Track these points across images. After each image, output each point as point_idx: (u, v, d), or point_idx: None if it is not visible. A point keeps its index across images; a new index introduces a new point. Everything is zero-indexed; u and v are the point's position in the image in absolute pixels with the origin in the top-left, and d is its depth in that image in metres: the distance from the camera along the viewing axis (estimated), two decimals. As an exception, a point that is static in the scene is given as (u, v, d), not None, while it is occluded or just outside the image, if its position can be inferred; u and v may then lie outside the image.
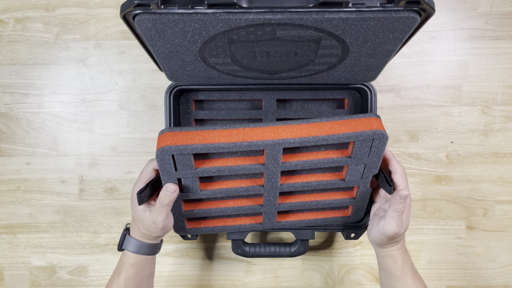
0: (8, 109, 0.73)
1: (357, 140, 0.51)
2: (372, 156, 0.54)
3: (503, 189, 0.73)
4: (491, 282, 0.73)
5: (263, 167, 0.54)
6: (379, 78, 0.72)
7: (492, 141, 0.72)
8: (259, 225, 0.63)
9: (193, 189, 0.56)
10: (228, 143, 0.50)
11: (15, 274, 0.74)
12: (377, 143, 0.52)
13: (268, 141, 0.51)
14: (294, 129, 0.52)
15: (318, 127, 0.52)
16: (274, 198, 0.59)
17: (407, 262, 0.56)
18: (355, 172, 0.56)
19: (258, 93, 0.67)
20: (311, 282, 0.74)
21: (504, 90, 0.72)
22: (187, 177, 0.54)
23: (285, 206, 0.61)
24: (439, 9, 0.71)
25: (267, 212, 0.61)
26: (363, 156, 0.54)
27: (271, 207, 0.60)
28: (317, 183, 0.58)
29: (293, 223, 0.63)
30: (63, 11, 0.72)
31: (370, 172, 0.56)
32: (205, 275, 0.74)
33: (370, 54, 0.51)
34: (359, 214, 0.63)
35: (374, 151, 0.53)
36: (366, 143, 0.52)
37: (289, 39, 0.47)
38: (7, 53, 0.72)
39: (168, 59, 0.53)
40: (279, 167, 0.54)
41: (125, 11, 0.42)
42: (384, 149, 0.53)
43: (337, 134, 0.51)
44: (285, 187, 0.58)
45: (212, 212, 0.60)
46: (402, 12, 0.42)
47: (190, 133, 0.52)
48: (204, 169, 0.54)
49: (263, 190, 0.57)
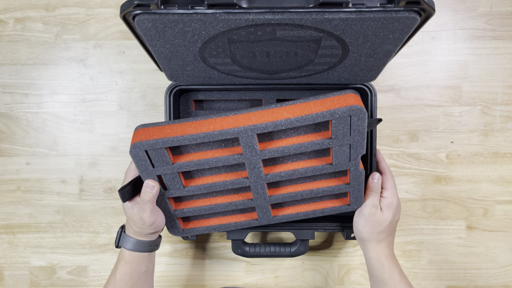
0: (8, 109, 0.73)
1: (333, 118, 0.49)
2: (354, 135, 0.51)
3: (503, 189, 0.73)
4: (491, 282, 0.73)
5: (242, 156, 0.52)
6: (379, 78, 0.72)
7: (492, 141, 0.72)
8: (255, 221, 0.61)
9: (176, 185, 0.55)
10: (199, 133, 0.49)
11: (15, 274, 0.74)
12: (355, 120, 0.49)
13: (239, 128, 0.49)
14: (266, 114, 0.50)
15: (291, 109, 0.50)
16: (263, 190, 0.57)
17: (394, 267, 0.57)
18: (342, 154, 0.53)
19: (258, 93, 0.67)
20: (311, 282, 0.74)
21: (504, 90, 0.72)
22: (166, 173, 0.53)
23: (277, 198, 0.58)
24: (439, 9, 0.71)
25: (259, 206, 0.59)
26: (345, 135, 0.51)
27: (262, 200, 0.58)
28: (304, 170, 0.55)
29: (290, 216, 0.61)
30: (63, 11, 0.72)
31: (358, 153, 0.53)
32: (205, 275, 0.74)
33: (370, 54, 0.51)
34: (359, 201, 0.59)
35: (355, 129, 0.50)
36: (344, 121, 0.49)
37: (289, 39, 0.47)
38: (7, 53, 0.72)
39: (168, 59, 0.53)
40: (258, 155, 0.52)
41: (125, 11, 0.42)
42: (365, 125, 0.50)
43: (311, 114, 0.48)
44: (271, 177, 0.55)
45: (203, 210, 0.59)
46: (402, 12, 0.42)
47: (162, 127, 0.51)
48: (182, 164, 0.53)
49: (248, 182, 0.55)
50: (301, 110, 0.49)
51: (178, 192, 0.56)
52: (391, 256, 0.58)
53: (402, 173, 0.73)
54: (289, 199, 0.59)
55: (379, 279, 0.57)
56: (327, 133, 0.52)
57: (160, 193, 0.56)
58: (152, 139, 0.50)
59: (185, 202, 0.60)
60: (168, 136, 0.50)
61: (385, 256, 0.57)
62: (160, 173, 0.53)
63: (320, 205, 0.61)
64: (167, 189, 0.56)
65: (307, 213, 0.61)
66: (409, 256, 0.73)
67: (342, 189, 0.58)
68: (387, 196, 0.59)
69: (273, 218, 0.61)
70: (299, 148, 0.52)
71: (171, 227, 0.61)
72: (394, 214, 0.58)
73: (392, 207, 0.58)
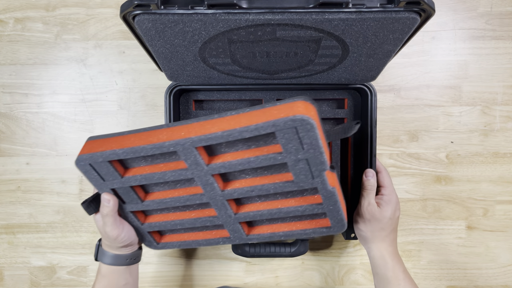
0: (8, 109, 0.73)
1: (276, 130, 0.42)
2: (308, 149, 0.44)
3: (503, 189, 0.73)
4: (491, 282, 0.73)
5: (187, 171, 0.48)
6: (379, 78, 0.72)
7: (492, 141, 0.72)
8: (227, 239, 0.57)
9: (132, 200, 0.53)
10: (137, 146, 0.46)
11: (15, 274, 0.74)
12: (303, 132, 0.42)
13: (173, 142, 0.45)
14: (205, 125, 0.45)
15: (234, 120, 0.44)
16: (225, 207, 0.52)
17: (397, 265, 0.57)
18: (301, 171, 0.46)
19: (258, 93, 0.67)
20: (311, 282, 0.74)
21: (504, 90, 0.72)
22: (117, 187, 0.51)
23: (244, 216, 0.53)
24: (439, 9, 0.71)
25: (227, 223, 0.54)
26: (297, 150, 0.44)
27: (227, 218, 0.53)
28: (265, 187, 0.49)
29: (267, 235, 0.55)
30: (63, 11, 0.72)
31: (320, 169, 0.46)
32: (205, 275, 0.74)
33: (370, 54, 0.51)
34: (340, 224, 0.53)
35: (306, 143, 0.43)
36: (291, 134, 0.42)
37: (289, 40, 0.47)
38: (7, 53, 0.72)
39: (168, 59, 0.53)
40: (205, 170, 0.47)
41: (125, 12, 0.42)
42: (318, 138, 0.43)
43: (251, 125, 0.43)
44: (229, 194, 0.50)
45: (172, 225, 0.56)
46: (402, 13, 0.42)
47: (108, 139, 0.49)
48: (130, 178, 0.50)
49: (204, 198, 0.51)
50: (244, 121, 0.44)
51: (137, 206, 0.53)
52: (395, 254, 0.58)
53: (402, 173, 0.73)
54: (258, 217, 0.53)
55: (383, 277, 0.57)
56: (277, 147, 0.46)
57: (122, 206, 0.54)
58: (94, 152, 0.47)
59: (153, 215, 0.57)
60: (110, 149, 0.47)
61: (388, 254, 0.57)
62: (111, 186, 0.51)
63: (300, 225, 0.55)
64: (126, 203, 0.54)
65: (287, 233, 0.55)
66: (409, 256, 0.73)
67: (316, 209, 0.51)
68: (385, 193, 0.60)
69: (248, 237, 0.56)
70: (248, 163, 0.46)
71: (145, 241, 0.58)
72: (394, 210, 0.58)
73: (391, 203, 0.59)
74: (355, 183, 0.67)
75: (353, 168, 0.67)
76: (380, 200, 0.59)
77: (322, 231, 0.54)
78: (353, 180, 0.68)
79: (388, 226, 0.58)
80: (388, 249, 0.58)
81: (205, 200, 0.52)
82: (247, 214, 0.53)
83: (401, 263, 0.58)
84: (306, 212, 0.52)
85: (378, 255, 0.58)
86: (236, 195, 0.51)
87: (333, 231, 0.54)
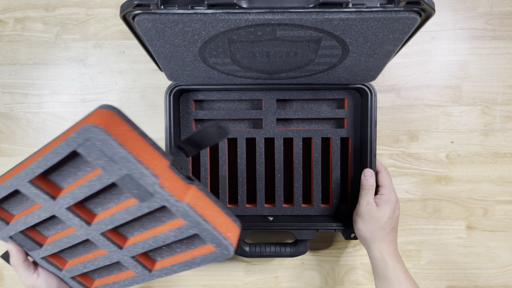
0: (8, 109, 0.73)
1: (77, 148, 0.38)
2: (121, 162, 0.38)
3: (503, 189, 0.73)
4: (491, 282, 0.73)
5: (46, 207, 0.46)
6: (379, 78, 0.72)
7: (492, 141, 0.72)
8: (136, 278, 0.52)
9: (32, 246, 0.51)
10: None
11: (15, 274, 0.74)
12: (99, 143, 0.37)
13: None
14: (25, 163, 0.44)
15: (44, 151, 0.42)
16: (107, 243, 0.48)
17: (398, 265, 0.57)
18: (136, 189, 0.41)
19: (258, 93, 0.67)
20: (311, 282, 0.74)
21: (504, 90, 0.72)
22: (11, 234, 0.50)
23: (130, 250, 0.49)
24: (439, 9, 0.71)
25: (124, 261, 0.50)
26: (110, 165, 0.39)
27: (117, 253, 0.49)
28: (115, 216, 0.46)
29: (172, 267, 0.50)
30: (63, 11, 0.72)
31: (150, 183, 0.40)
32: (205, 275, 0.74)
33: (370, 54, 0.51)
34: (222, 246, 0.44)
35: (111, 155, 0.38)
36: (91, 147, 0.38)
37: (289, 39, 0.47)
38: (7, 53, 0.72)
39: (168, 59, 0.53)
40: (55, 204, 0.46)
41: (125, 12, 0.42)
42: (117, 146, 0.38)
43: (48, 152, 0.41)
44: (97, 227, 0.47)
45: (88, 267, 0.53)
46: (402, 13, 0.42)
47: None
48: (16, 222, 0.49)
49: (82, 236, 0.48)
50: (48, 149, 0.41)
51: (39, 253, 0.52)
52: (395, 254, 0.58)
53: (402, 173, 0.73)
54: (142, 250, 0.48)
55: (384, 278, 0.57)
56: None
57: (32, 254, 0.53)
58: None
59: (75, 259, 0.54)
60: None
61: (388, 254, 0.57)
62: (6, 235, 0.51)
63: (194, 253, 0.48)
64: (30, 250, 0.52)
65: (187, 262, 0.48)
66: (409, 256, 0.73)
67: (182, 233, 0.45)
68: (384, 192, 0.60)
69: (153, 273, 0.51)
70: (82, 193, 0.44)
71: (73, 286, 0.56)
72: (393, 210, 0.58)
73: (390, 202, 0.59)
74: (355, 183, 0.67)
75: (353, 168, 0.68)
76: (379, 199, 0.59)
77: (207, 257, 0.46)
78: (353, 180, 0.68)
79: (387, 225, 0.58)
80: (388, 249, 0.58)
81: (85, 237, 0.48)
82: (131, 247, 0.49)
83: (402, 263, 0.58)
84: (181, 236, 0.45)
85: (378, 256, 0.58)
86: (104, 227, 0.47)
87: (219, 256, 0.45)
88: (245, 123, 0.69)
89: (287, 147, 0.69)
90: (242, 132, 0.67)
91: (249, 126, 0.69)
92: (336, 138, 0.67)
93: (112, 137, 0.37)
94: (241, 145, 0.67)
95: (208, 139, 0.46)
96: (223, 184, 0.68)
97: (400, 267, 0.57)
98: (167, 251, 0.50)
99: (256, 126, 0.69)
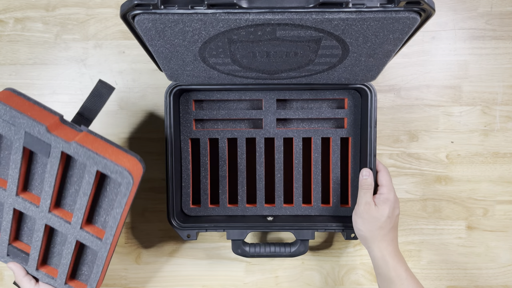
0: (8, 109, 0.73)
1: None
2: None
3: (503, 189, 0.73)
4: (491, 282, 0.73)
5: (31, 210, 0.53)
6: (379, 78, 0.72)
7: (492, 141, 0.72)
8: (98, 252, 0.57)
9: (22, 259, 0.58)
10: None
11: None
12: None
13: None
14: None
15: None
16: (53, 221, 0.54)
17: (399, 264, 0.57)
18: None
19: (258, 93, 0.67)
20: (311, 282, 0.74)
21: (504, 90, 0.72)
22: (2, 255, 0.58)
23: (76, 221, 0.53)
24: (439, 9, 0.71)
25: (78, 236, 0.55)
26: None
27: (68, 230, 0.54)
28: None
29: (111, 219, 0.52)
30: (63, 11, 0.72)
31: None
32: (205, 275, 0.74)
33: (370, 54, 0.51)
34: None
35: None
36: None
37: (289, 39, 0.47)
38: (7, 53, 0.72)
39: (168, 59, 0.53)
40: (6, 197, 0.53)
41: (125, 11, 0.42)
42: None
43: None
44: (42, 209, 0.53)
45: (65, 267, 0.57)
46: (402, 13, 0.42)
47: None
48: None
49: (36, 221, 0.54)
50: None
51: (32, 264, 0.58)
52: (395, 252, 0.58)
53: (402, 173, 0.73)
54: (82, 215, 0.52)
55: (386, 277, 0.57)
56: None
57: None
58: None
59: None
60: None
61: (389, 253, 0.57)
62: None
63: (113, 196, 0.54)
64: (25, 264, 0.59)
65: (113, 205, 0.53)
66: (409, 256, 0.73)
67: (90, 173, 0.49)
68: (383, 192, 0.60)
69: (104, 241, 0.55)
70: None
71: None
72: (392, 209, 0.58)
73: (389, 202, 0.59)
74: (355, 183, 0.67)
75: (353, 168, 0.68)
76: (378, 199, 0.59)
77: (117, 191, 0.52)
78: (353, 180, 0.68)
79: (387, 224, 0.58)
80: (388, 248, 0.58)
81: (40, 220, 0.54)
82: (76, 213, 0.53)
83: (403, 261, 0.58)
84: (91, 182, 0.50)
85: (378, 256, 0.58)
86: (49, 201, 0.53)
87: (122, 185, 0.48)
88: (245, 123, 0.69)
89: (287, 147, 0.69)
90: (242, 132, 0.67)
91: (249, 126, 0.69)
92: (336, 138, 0.67)
93: (9, 106, 0.47)
94: (241, 145, 0.67)
95: (99, 99, 0.54)
96: (223, 184, 0.68)
97: (402, 266, 0.57)
98: (103, 212, 0.55)
99: (256, 126, 0.69)
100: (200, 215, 0.69)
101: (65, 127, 0.51)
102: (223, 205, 0.69)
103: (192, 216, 0.68)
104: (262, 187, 0.68)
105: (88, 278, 0.59)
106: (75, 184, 0.53)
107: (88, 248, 0.58)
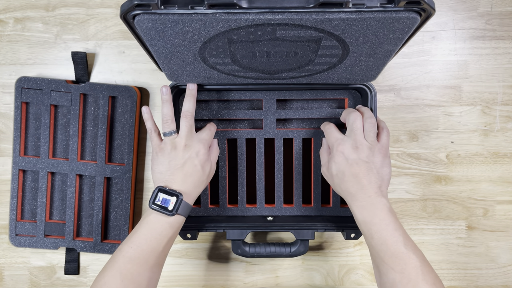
0: (8, 109, 0.73)
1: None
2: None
3: (503, 189, 0.73)
4: (491, 282, 0.73)
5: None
6: (379, 78, 0.72)
7: (492, 141, 0.72)
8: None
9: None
10: None
11: (15, 274, 0.74)
12: None
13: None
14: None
15: None
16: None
17: (387, 217, 0.52)
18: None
19: (258, 93, 0.67)
20: (311, 282, 0.74)
21: (504, 90, 0.72)
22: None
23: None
24: (439, 9, 0.71)
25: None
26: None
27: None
28: None
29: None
30: (63, 11, 0.72)
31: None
32: (205, 275, 0.74)
33: (370, 54, 0.51)
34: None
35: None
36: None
37: (289, 39, 0.47)
38: (7, 53, 0.72)
39: (168, 59, 0.53)
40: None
41: (125, 12, 0.42)
42: None
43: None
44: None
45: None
46: (402, 12, 0.42)
47: None
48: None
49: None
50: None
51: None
52: (383, 206, 0.52)
53: (402, 173, 0.73)
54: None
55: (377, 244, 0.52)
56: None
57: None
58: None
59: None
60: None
61: (369, 201, 0.52)
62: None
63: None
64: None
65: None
66: (409, 256, 0.73)
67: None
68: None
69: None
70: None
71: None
72: (351, 149, 0.55)
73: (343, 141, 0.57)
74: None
75: (353, 168, 0.67)
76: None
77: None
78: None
79: (347, 168, 0.53)
80: (364, 212, 0.52)
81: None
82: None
83: (392, 223, 0.51)
84: None
85: (360, 220, 0.53)
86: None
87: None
88: (245, 123, 0.69)
89: (287, 147, 0.69)
90: (242, 133, 0.67)
91: (249, 126, 0.69)
92: (336, 138, 0.67)
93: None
94: (241, 146, 0.67)
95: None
96: (223, 184, 0.68)
97: (391, 217, 0.50)
98: (118, 150, 0.71)
99: (256, 127, 0.69)
100: (200, 215, 0.69)
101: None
102: (223, 206, 0.69)
103: (192, 216, 0.68)
104: (262, 188, 0.68)
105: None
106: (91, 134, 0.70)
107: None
